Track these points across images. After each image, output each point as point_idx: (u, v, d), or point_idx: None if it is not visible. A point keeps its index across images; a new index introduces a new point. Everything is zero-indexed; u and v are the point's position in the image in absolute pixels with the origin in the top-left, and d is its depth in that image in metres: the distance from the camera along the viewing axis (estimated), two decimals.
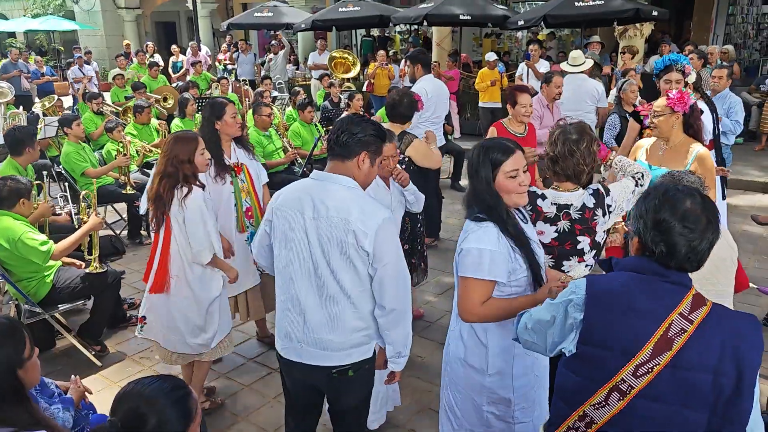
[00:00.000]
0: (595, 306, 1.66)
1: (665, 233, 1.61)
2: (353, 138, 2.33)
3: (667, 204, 1.63)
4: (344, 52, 12.00)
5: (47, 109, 8.06)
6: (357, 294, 2.33)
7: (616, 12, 9.34)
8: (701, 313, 1.59)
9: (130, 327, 4.63)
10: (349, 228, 2.24)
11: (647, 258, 1.67)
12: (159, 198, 3.16)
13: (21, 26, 19.99)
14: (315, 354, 2.39)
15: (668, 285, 1.64)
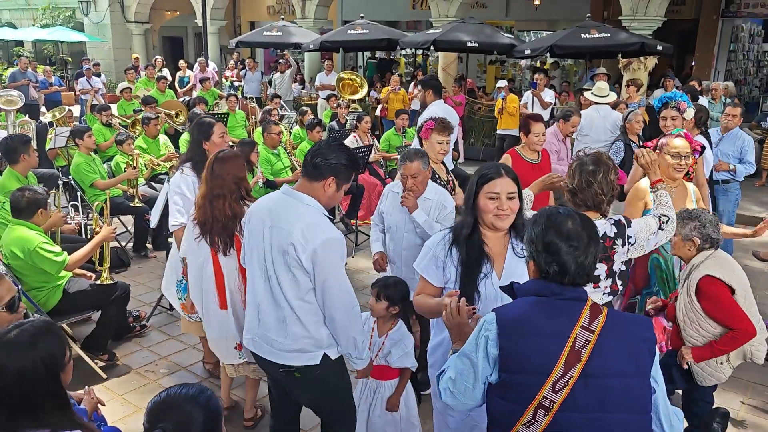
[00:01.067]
0: (507, 336, 1.76)
1: (555, 254, 1.78)
2: (326, 162, 2.51)
3: (552, 227, 1.80)
4: (352, 74, 12.15)
5: (58, 119, 8.12)
6: (297, 303, 2.54)
7: (622, 45, 9.51)
8: (599, 322, 1.74)
9: (135, 339, 4.64)
10: (290, 240, 2.45)
11: (543, 280, 1.82)
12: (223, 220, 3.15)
13: (30, 36, 20.13)
14: (265, 349, 2.65)
15: (567, 302, 1.79)
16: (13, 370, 1.81)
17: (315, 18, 15.60)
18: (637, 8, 10.93)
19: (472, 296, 2.34)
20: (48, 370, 1.85)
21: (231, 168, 3.20)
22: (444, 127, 4.02)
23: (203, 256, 3.27)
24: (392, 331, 3.11)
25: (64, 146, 7.31)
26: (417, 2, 17.89)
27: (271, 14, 20.91)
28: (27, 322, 1.93)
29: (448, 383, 1.91)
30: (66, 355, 1.92)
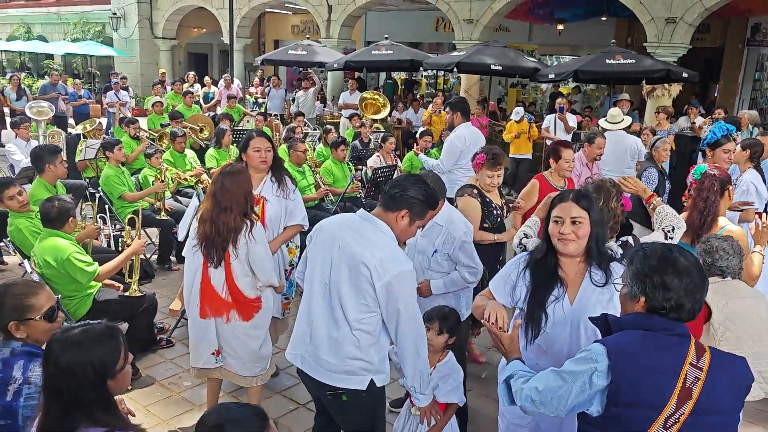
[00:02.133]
0: (620, 370, 1.77)
1: (673, 291, 1.79)
2: (403, 195, 2.54)
3: (668, 265, 1.82)
4: (375, 94, 12.26)
5: (88, 131, 8.28)
6: (358, 325, 2.52)
7: (647, 71, 9.52)
8: (706, 359, 1.78)
9: (159, 351, 4.67)
10: (366, 263, 2.44)
11: (651, 315, 1.83)
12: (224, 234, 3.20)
13: (60, 49, 20.62)
14: (313, 367, 2.62)
15: (675, 338, 1.81)
16: (64, 366, 1.85)
17: (339, 38, 15.82)
18: (662, 35, 10.95)
19: (540, 318, 2.37)
20: (96, 374, 1.87)
21: (241, 182, 3.26)
22: (495, 162, 3.99)
23: (197, 264, 3.35)
24: (441, 363, 3.03)
25: (94, 158, 7.44)
26: (440, 25, 18.08)
27: (296, 33, 21.25)
28: (95, 323, 1.96)
29: (532, 392, 1.90)
30: (119, 364, 1.93)
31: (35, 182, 5.31)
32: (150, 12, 20.23)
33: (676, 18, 10.78)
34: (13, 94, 12.44)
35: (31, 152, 5.52)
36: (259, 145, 3.86)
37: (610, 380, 1.77)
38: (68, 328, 1.95)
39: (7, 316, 2.30)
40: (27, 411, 2.22)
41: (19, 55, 24.00)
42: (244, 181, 3.29)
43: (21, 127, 7.67)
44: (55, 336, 1.94)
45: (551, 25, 15.52)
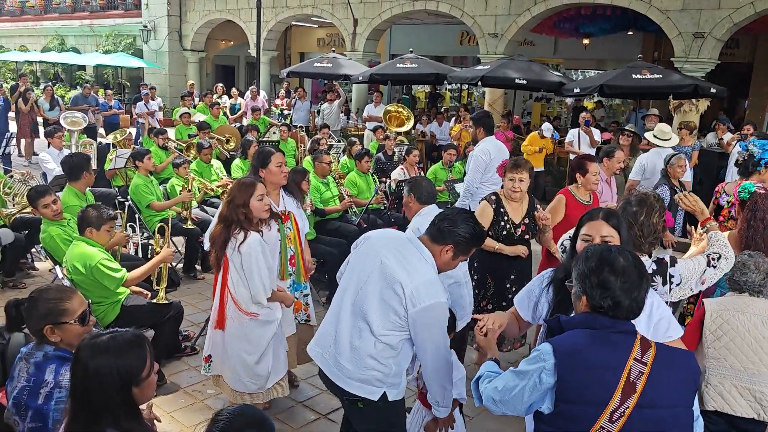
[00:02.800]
0: (566, 368, 1.84)
1: (609, 290, 1.86)
2: (451, 230, 2.58)
3: (606, 265, 1.89)
4: (399, 106, 12.32)
5: (119, 141, 8.47)
6: (382, 338, 2.56)
7: (674, 86, 9.43)
8: (650, 354, 1.83)
9: (184, 358, 4.73)
10: (404, 287, 2.47)
11: (595, 314, 1.90)
12: (216, 239, 3.34)
13: (92, 61, 21.14)
14: (332, 371, 2.68)
15: (619, 335, 1.87)
16: (92, 371, 1.89)
17: (364, 51, 15.95)
18: (690, 50, 10.86)
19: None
20: (122, 380, 1.91)
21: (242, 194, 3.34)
22: (515, 164, 4.08)
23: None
24: None
25: (123, 167, 7.60)
26: (465, 38, 18.14)
27: (321, 46, 21.50)
28: (123, 331, 2.01)
29: (492, 392, 1.99)
30: (145, 371, 1.97)
31: (66, 190, 5.44)
32: (179, 25, 20.66)
33: (704, 33, 10.68)
34: (46, 104, 12.77)
35: (66, 160, 5.63)
36: (281, 160, 3.89)
37: (557, 378, 1.84)
38: (97, 334, 2.00)
39: (43, 320, 2.36)
40: (57, 414, 2.27)
41: (53, 66, 24.64)
42: (242, 195, 3.34)
43: (54, 137, 7.88)
44: (85, 341, 1.99)
45: (577, 40, 15.47)
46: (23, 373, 2.35)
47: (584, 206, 4.47)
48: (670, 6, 11.02)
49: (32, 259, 6.61)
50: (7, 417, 2.37)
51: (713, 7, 10.57)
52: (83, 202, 5.24)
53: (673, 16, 11.03)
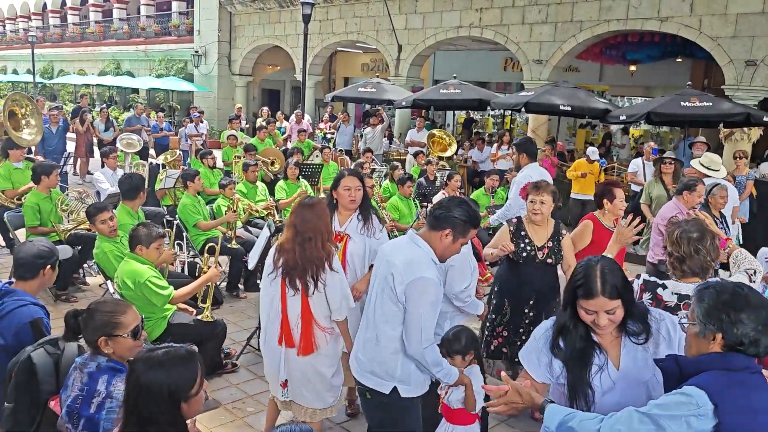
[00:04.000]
0: (727, 414, 1.72)
1: (749, 325, 1.78)
2: (446, 215, 2.77)
3: (741, 300, 1.81)
4: (442, 132, 12.39)
5: (169, 162, 8.75)
6: (381, 328, 2.81)
7: (725, 115, 9.21)
8: None
9: (225, 375, 4.81)
10: (391, 270, 2.74)
11: (732, 353, 1.80)
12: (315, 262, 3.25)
13: (145, 84, 22.04)
14: (354, 367, 2.99)
15: (758, 375, 1.81)
16: (144, 384, 1.96)
17: (408, 76, 16.15)
18: (742, 78, 10.62)
19: (585, 393, 2.16)
20: (171, 396, 1.96)
21: (319, 212, 3.33)
22: (536, 186, 4.17)
23: (273, 292, 3.40)
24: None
25: (172, 187, 7.84)
26: (509, 64, 18.17)
27: (365, 71, 21.86)
28: (177, 346, 2.07)
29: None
30: (194, 388, 2.02)
31: (119, 208, 5.65)
32: (229, 50, 21.35)
33: (756, 60, 10.44)
34: (101, 126, 13.32)
35: (126, 179, 5.85)
36: (350, 184, 3.90)
37: (717, 423, 1.73)
38: (152, 348, 2.07)
39: (98, 331, 2.46)
40: (107, 424, 2.35)
41: (109, 89, 25.73)
42: (322, 211, 3.37)
43: (110, 157, 8.20)
44: (140, 354, 2.06)
45: (623, 66, 15.31)
46: (77, 383, 2.44)
47: (610, 232, 4.43)
48: (721, 33, 10.83)
49: (84, 273, 6.84)
50: (60, 425, 2.46)
51: (766, 35, 10.33)
52: (135, 220, 5.43)
53: (723, 44, 10.83)
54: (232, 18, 21.17)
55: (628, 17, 11.92)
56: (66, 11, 30.94)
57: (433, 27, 15.35)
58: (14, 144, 7.45)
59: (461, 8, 14.71)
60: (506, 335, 4.25)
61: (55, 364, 2.77)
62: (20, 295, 3.17)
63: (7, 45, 34.00)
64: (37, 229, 6.00)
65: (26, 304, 3.13)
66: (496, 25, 14.08)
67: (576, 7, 12.71)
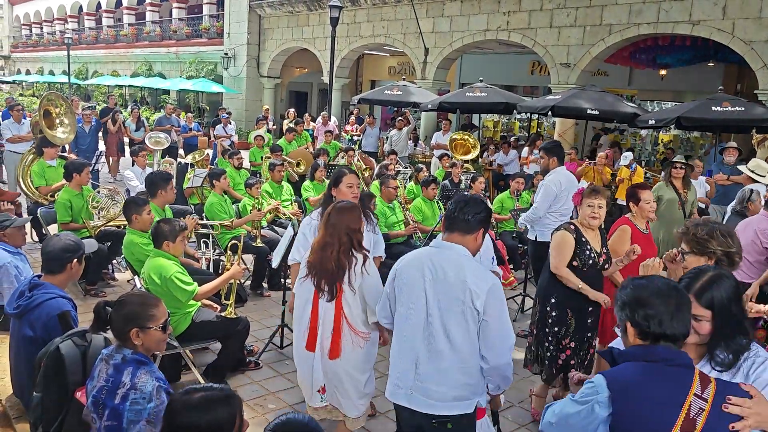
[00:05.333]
0: (621, 401, 1.80)
1: (650, 307, 1.87)
2: (475, 217, 2.72)
3: (640, 287, 1.93)
4: (465, 134, 12.35)
5: (197, 161, 8.89)
6: (467, 350, 2.64)
7: (758, 120, 9.01)
8: (711, 391, 1.78)
9: (247, 372, 4.87)
10: (466, 288, 2.59)
11: (650, 345, 1.88)
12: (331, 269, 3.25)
13: (176, 85, 22.43)
14: (421, 401, 2.70)
15: (676, 369, 1.82)
16: (183, 426, 1.95)
17: (434, 79, 16.14)
18: None
19: None
20: None
21: (345, 219, 3.31)
22: (593, 190, 4.08)
23: (306, 295, 3.40)
24: None
25: (200, 186, 7.96)
26: (536, 68, 18.04)
27: (392, 74, 21.91)
28: (216, 387, 2.05)
29: (550, 415, 2.01)
30: (234, 428, 2.00)
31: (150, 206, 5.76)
32: (258, 53, 21.60)
33: None
34: (132, 125, 13.59)
35: (146, 178, 6.02)
36: (352, 182, 4.06)
37: (613, 411, 1.81)
38: (191, 389, 2.03)
39: (130, 323, 2.52)
40: (131, 414, 2.41)
41: (140, 90, 26.25)
42: (350, 218, 3.33)
43: (139, 156, 8.37)
44: (176, 396, 2.03)
45: (653, 70, 15.08)
46: (103, 374, 2.50)
47: (645, 236, 4.41)
48: (755, 37, 10.61)
49: (113, 269, 7.00)
50: (85, 414, 2.53)
51: None
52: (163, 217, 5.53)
53: (757, 48, 10.60)
54: (261, 21, 21.43)
55: (659, 21, 11.74)
56: (101, 14, 31.66)
57: (460, 30, 15.33)
58: (49, 142, 7.66)
59: (488, 11, 14.65)
60: (573, 346, 4.13)
61: (83, 356, 2.85)
62: (49, 288, 3.27)
63: (44, 47, 34.93)
64: (69, 225, 6.16)
65: (55, 297, 3.24)
66: (524, 29, 14.00)
67: (605, 11, 12.57)
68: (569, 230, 4.03)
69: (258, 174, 9.35)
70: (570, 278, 3.96)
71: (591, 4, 12.75)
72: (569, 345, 4.13)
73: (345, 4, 16.95)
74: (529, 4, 13.83)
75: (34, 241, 7.76)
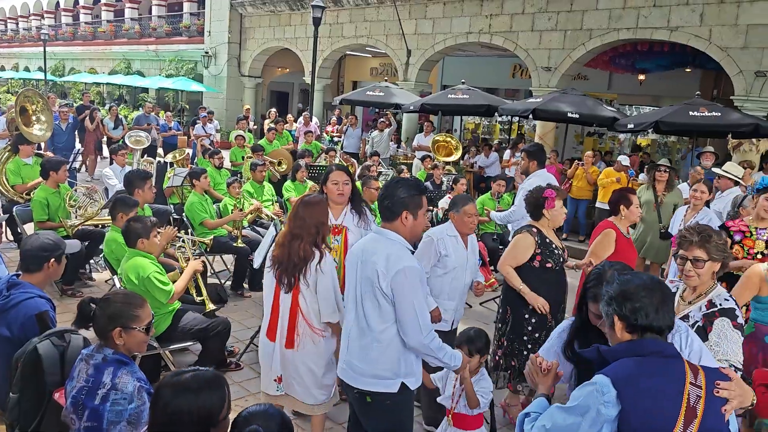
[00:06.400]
0: (628, 398, 1.81)
1: (636, 300, 1.90)
2: (393, 200, 2.78)
3: (626, 282, 1.96)
4: (447, 136, 12.40)
5: (177, 160, 8.79)
6: (380, 330, 2.78)
7: (734, 125, 9.18)
8: (702, 378, 1.84)
9: (228, 373, 4.81)
10: (375, 269, 2.73)
11: (639, 340, 1.90)
12: (295, 260, 3.29)
13: (155, 84, 22.17)
14: (349, 375, 2.90)
15: (668, 360, 1.86)
16: (173, 410, 1.91)
17: (416, 81, 16.17)
18: (751, 89, 10.59)
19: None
20: (201, 421, 1.92)
21: (314, 212, 3.34)
22: (561, 193, 4.22)
23: (270, 287, 3.46)
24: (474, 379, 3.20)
25: (180, 185, 7.87)
26: (518, 71, 18.18)
27: (374, 75, 21.91)
28: (203, 370, 2.02)
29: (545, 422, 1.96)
30: (222, 413, 1.97)
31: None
32: (239, 52, 21.44)
33: (766, 72, 10.41)
34: (111, 123, 13.40)
35: (124, 176, 5.93)
36: (337, 178, 4.05)
37: (621, 409, 1.81)
38: (179, 372, 2.01)
39: (114, 322, 2.47)
40: (112, 415, 2.36)
41: (119, 88, 25.89)
42: (319, 212, 3.37)
43: (119, 154, 8.25)
44: (165, 380, 1.99)
45: (632, 75, 15.29)
46: (83, 374, 2.45)
47: (627, 240, 4.47)
48: (731, 44, 10.81)
49: (91, 269, 6.88)
50: (64, 415, 2.48)
51: None
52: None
53: (734, 54, 10.81)
54: (242, 20, 21.28)
55: (638, 26, 11.90)
56: (78, 10, 31.19)
57: (443, 32, 15.39)
58: (25, 140, 7.50)
59: (471, 14, 14.73)
60: (505, 345, 4.22)
61: (61, 356, 2.79)
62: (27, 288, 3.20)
63: (20, 42, 34.28)
64: (45, 224, 6.05)
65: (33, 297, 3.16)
66: (506, 32, 14.10)
67: (586, 16, 12.72)
68: (531, 233, 4.10)
69: (239, 174, 9.28)
70: (512, 278, 4.07)
71: (572, 8, 12.90)
72: (502, 344, 4.24)
73: (327, 4, 16.90)
74: (511, 8, 13.94)
75: (9, 240, 7.60)
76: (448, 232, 3.96)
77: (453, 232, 3.95)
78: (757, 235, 4.26)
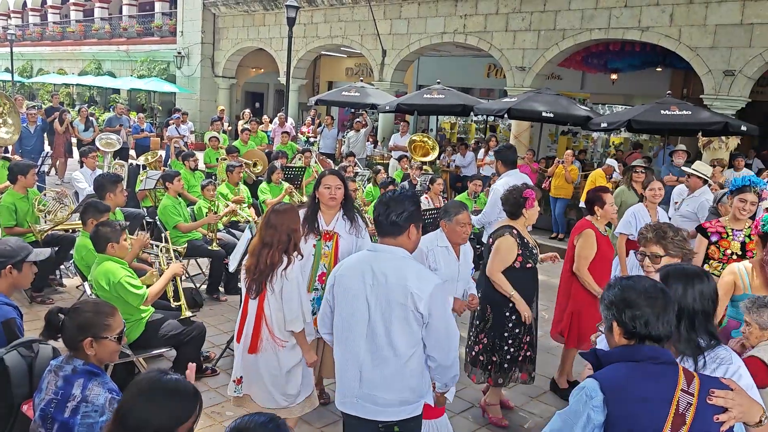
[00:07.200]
0: (615, 402, 1.81)
1: (637, 308, 1.88)
2: (401, 216, 2.60)
3: (627, 288, 1.93)
4: (424, 136, 12.41)
5: (149, 163, 8.64)
6: (410, 354, 2.58)
7: (704, 123, 9.35)
8: (695, 385, 1.82)
9: (204, 379, 4.74)
10: (407, 292, 2.51)
11: (635, 345, 1.90)
12: (261, 267, 3.28)
13: (126, 84, 21.80)
14: (369, 409, 2.64)
15: (662, 366, 1.85)
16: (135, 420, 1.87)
17: (392, 81, 16.16)
18: (720, 88, 10.79)
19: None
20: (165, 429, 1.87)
21: (285, 220, 3.33)
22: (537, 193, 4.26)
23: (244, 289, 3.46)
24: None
25: (153, 188, 7.74)
26: (492, 71, 18.28)
27: (349, 75, 21.84)
28: (176, 376, 1.96)
29: None
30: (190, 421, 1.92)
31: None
32: (212, 52, 21.20)
33: (734, 71, 10.62)
34: (81, 125, 13.12)
35: (95, 180, 5.80)
36: (330, 183, 3.97)
37: (607, 413, 1.81)
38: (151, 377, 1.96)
39: (85, 332, 2.40)
40: (83, 429, 2.29)
41: (89, 89, 25.40)
42: (290, 218, 3.36)
43: (89, 157, 8.08)
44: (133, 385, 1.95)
45: (605, 75, 15.49)
46: (51, 386, 2.38)
47: (604, 238, 4.52)
48: (700, 43, 11.01)
49: (61, 275, 6.72)
50: (32, 429, 2.40)
51: (744, 45, 10.52)
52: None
53: (702, 54, 11.01)
54: (215, 20, 21.03)
55: (610, 26, 12.06)
56: (46, 10, 30.53)
57: (418, 32, 15.40)
58: None
59: (446, 14, 14.77)
60: (529, 340, 4.24)
61: (29, 367, 2.70)
62: None
63: None
64: (14, 230, 5.88)
65: None
66: (480, 32, 14.17)
67: (559, 16, 12.84)
68: (513, 235, 4.08)
69: (213, 176, 9.15)
70: (504, 285, 4.04)
71: (545, 9, 13.01)
72: (526, 340, 4.23)
73: (302, 4, 16.79)
74: (486, 8, 14.01)
75: None
76: (439, 243, 3.89)
77: (444, 243, 3.89)
78: (733, 236, 4.32)
